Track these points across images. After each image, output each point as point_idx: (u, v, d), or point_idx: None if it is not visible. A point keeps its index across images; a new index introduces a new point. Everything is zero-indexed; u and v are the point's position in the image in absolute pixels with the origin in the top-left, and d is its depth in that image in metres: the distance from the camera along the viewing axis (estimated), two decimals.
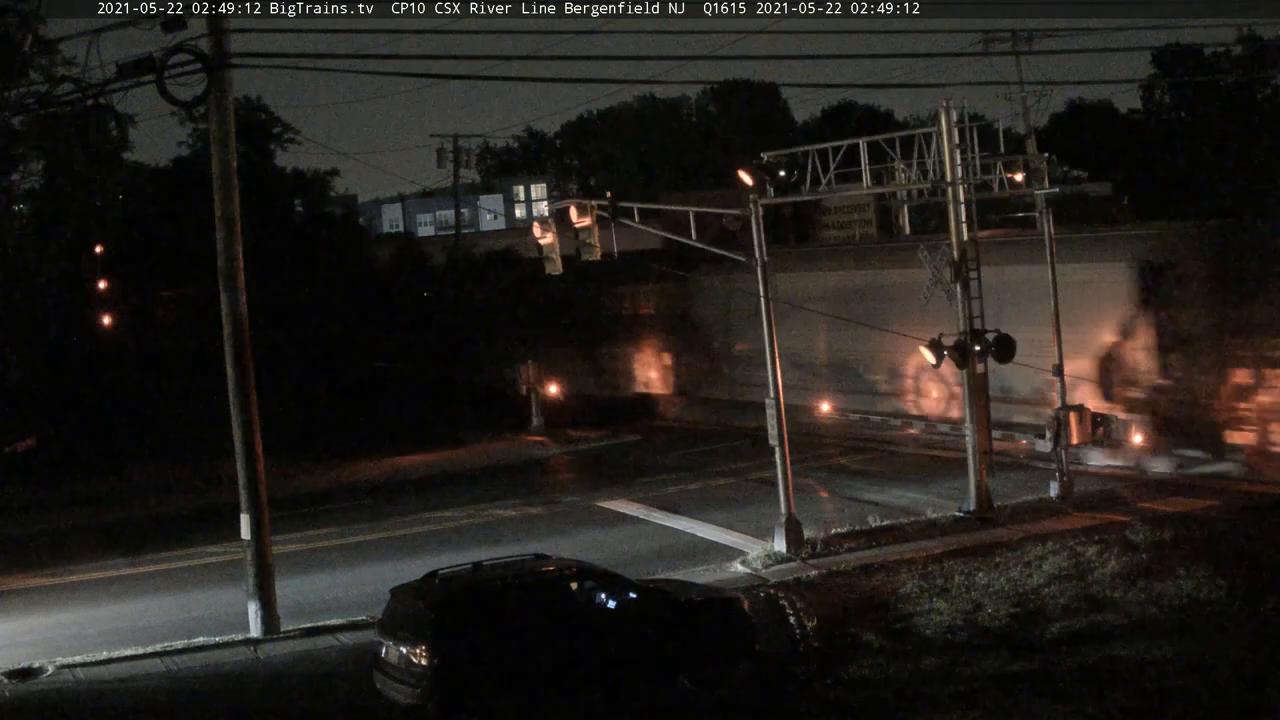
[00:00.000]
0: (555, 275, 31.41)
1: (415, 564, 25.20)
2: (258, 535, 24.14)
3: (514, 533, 31.45)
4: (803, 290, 42.05)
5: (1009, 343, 29.56)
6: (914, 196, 34.18)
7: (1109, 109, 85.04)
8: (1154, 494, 30.72)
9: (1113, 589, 22.99)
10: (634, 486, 36.52)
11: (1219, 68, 73.82)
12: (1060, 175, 32.13)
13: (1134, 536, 26.18)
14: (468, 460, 43.06)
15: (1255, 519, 27.24)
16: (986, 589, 23.72)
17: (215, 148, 24.16)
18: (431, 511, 34.92)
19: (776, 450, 28.05)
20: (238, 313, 24.15)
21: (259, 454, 24.34)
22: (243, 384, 24.23)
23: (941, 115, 29.65)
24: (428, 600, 19.17)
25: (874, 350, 42.38)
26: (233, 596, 25.56)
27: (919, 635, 21.70)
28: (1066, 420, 30.89)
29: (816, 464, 37.13)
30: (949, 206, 29.99)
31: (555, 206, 56.90)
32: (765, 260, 28.30)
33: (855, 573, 25.78)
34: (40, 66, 34.92)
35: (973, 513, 29.43)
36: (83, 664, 22.61)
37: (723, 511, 32.28)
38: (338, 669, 21.82)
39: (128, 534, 34.32)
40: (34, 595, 28.41)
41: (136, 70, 22.08)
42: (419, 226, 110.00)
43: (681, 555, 28.26)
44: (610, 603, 19.86)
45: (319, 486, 39.67)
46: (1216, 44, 77.62)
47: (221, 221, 24.08)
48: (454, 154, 69.15)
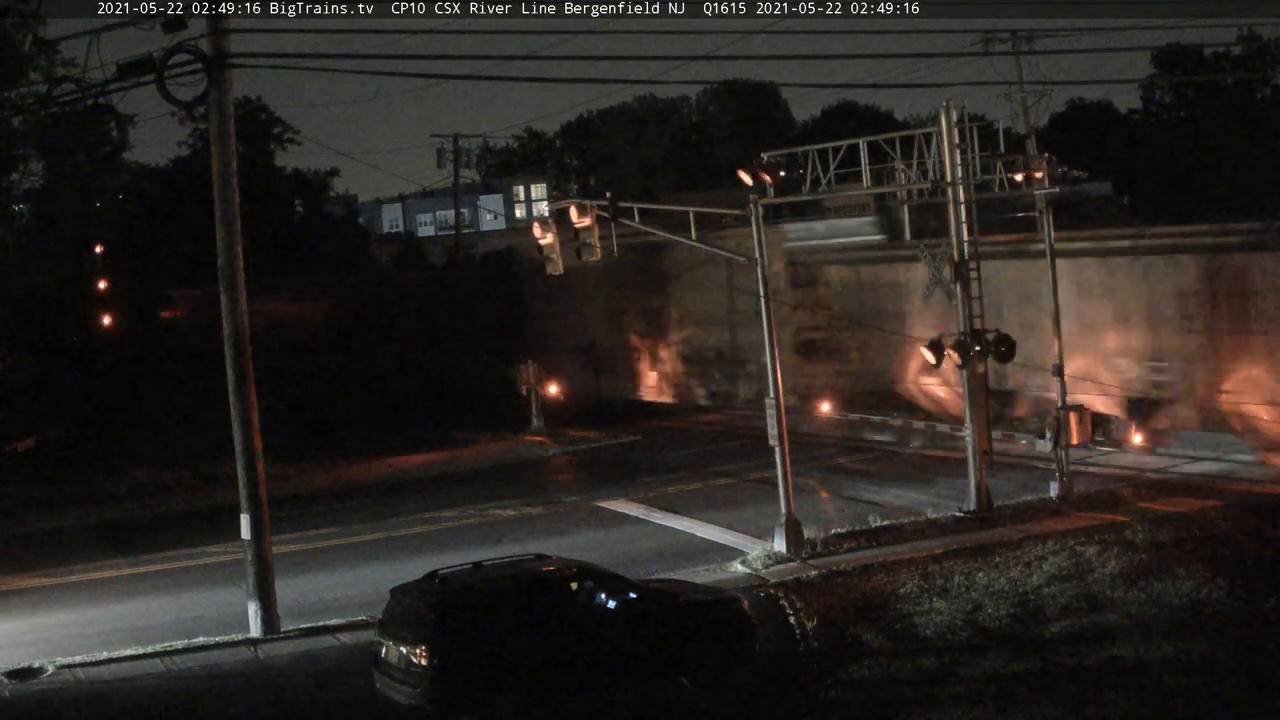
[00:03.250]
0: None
1: (415, 564, 25.21)
2: (258, 535, 24.13)
3: (514, 533, 31.45)
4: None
5: (1009, 342, 29.62)
6: (914, 196, 34.22)
7: (1109, 109, 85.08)
8: (1154, 494, 30.72)
9: (1113, 589, 23.00)
10: (634, 486, 36.51)
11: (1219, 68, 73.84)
12: (1060, 175, 31.99)
13: (1134, 536, 26.19)
14: (468, 460, 43.03)
15: (1255, 519, 27.25)
16: (986, 589, 23.72)
17: (215, 148, 24.16)
18: (431, 511, 34.90)
19: (776, 450, 28.05)
20: (238, 313, 24.15)
21: (259, 454, 24.33)
22: (242, 384, 24.23)
23: (941, 115, 29.67)
24: (428, 600, 19.16)
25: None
26: (233, 596, 25.56)
27: (919, 635, 21.71)
28: (1066, 420, 30.91)
29: (816, 464, 37.13)
30: (949, 207, 30.01)
31: (555, 206, 56.84)
32: (765, 261, 28.32)
33: (855, 573, 25.77)
34: (40, 66, 34.94)
35: (973, 513, 29.43)
36: (83, 664, 22.60)
37: (723, 511, 32.28)
38: (338, 669, 21.83)
39: (128, 534, 34.30)
40: (34, 595, 28.40)
41: (136, 70, 22.07)
42: (419, 226, 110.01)
43: (681, 555, 28.26)
44: (610, 603, 19.86)
45: (319, 486, 39.64)
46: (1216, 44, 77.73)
47: (221, 221, 24.08)
48: (454, 154, 69.17)
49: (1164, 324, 36.57)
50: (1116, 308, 37.88)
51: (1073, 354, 34.68)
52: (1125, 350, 37.48)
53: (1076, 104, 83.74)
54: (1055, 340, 32.01)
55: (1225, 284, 35.17)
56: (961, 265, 29.78)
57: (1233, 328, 34.93)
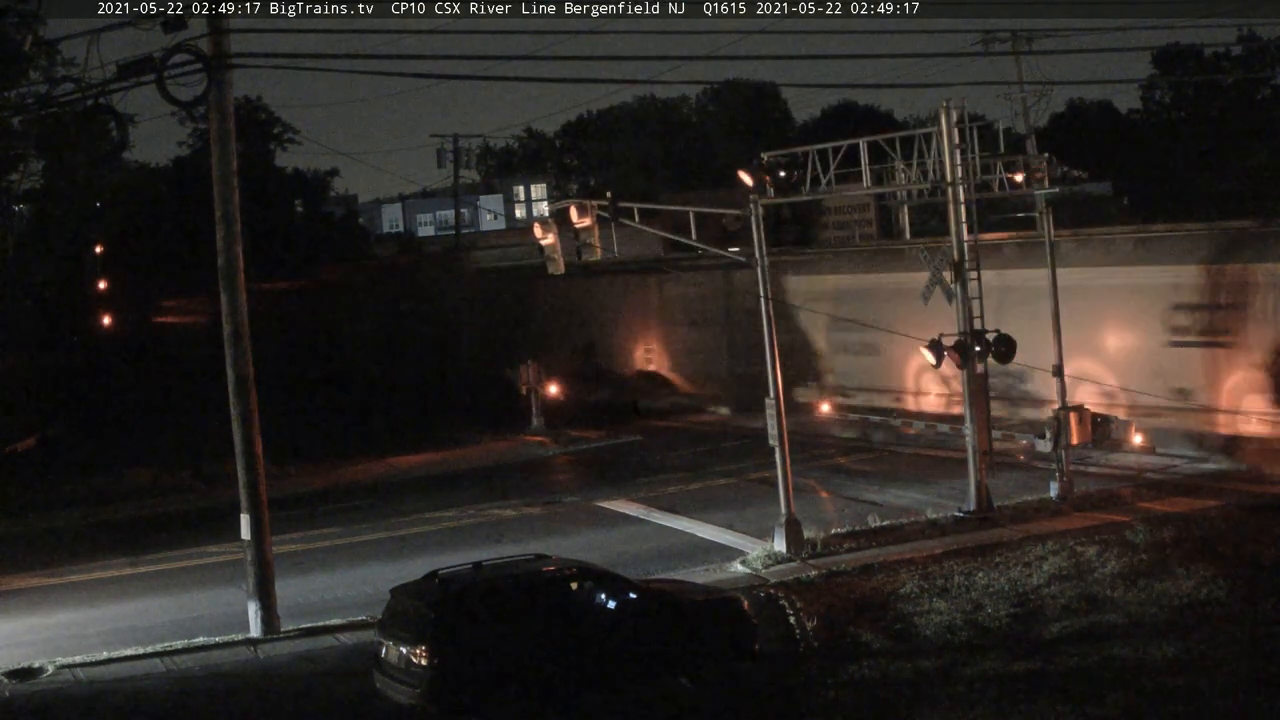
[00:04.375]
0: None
1: (415, 564, 25.18)
2: (258, 535, 24.13)
3: (514, 533, 31.44)
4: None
5: (1009, 342, 29.60)
6: (914, 196, 34.21)
7: (1109, 109, 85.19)
8: (1154, 494, 30.71)
9: (1113, 589, 23.00)
10: (634, 486, 36.49)
11: (1219, 68, 73.90)
12: (1060, 175, 32.01)
13: (1134, 536, 26.19)
14: (468, 460, 43.00)
15: (1256, 519, 27.25)
16: (986, 589, 23.72)
17: (215, 148, 24.15)
18: (431, 511, 34.88)
19: (776, 450, 28.05)
20: (238, 312, 24.14)
21: (259, 454, 24.32)
22: (242, 383, 24.22)
23: (941, 115, 29.65)
24: (428, 600, 19.17)
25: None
26: (233, 596, 25.56)
27: (919, 635, 21.71)
28: (1066, 420, 30.90)
29: (817, 464, 37.13)
30: (949, 207, 30.00)
31: (555, 206, 56.81)
32: (765, 261, 28.31)
33: (855, 573, 25.76)
34: (40, 66, 34.98)
35: (973, 513, 29.41)
36: (83, 664, 22.59)
37: (723, 512, 32.27)
38: (338, 669, 21.81)
39: (128, 534, 34.27)
40: (34, 595, 28.39)
41: (136, 70, 22.09)
42: (419, 226, 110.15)
43: (681, 555, 28.25)
44: (610, 603, 19.85)
45: (319, 486, 39.61)
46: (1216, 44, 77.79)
47: (221, 221, 24.07)
48: (454, 154, 69.28)
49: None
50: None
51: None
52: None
53: (1076, 104, 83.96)
54: (1055, 340, 31.96)
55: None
56: (961, 265, 29.76)
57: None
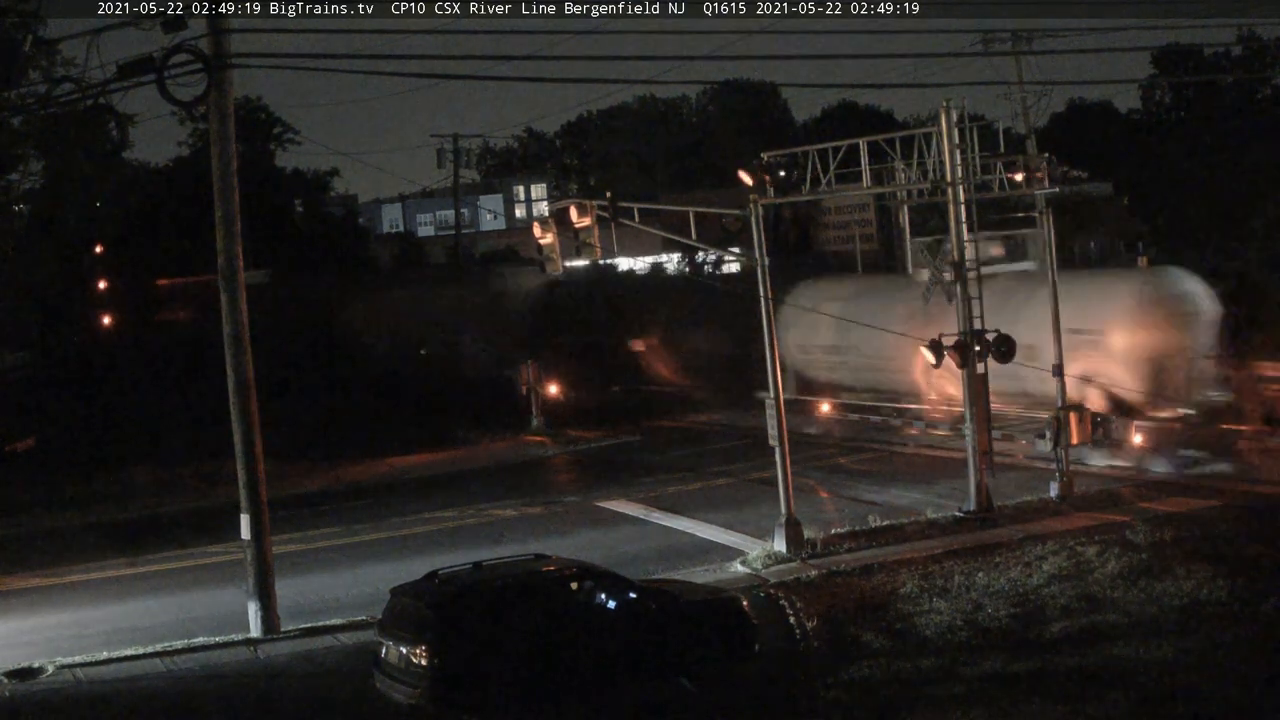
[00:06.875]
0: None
1: (415, 564, 25.18)
2: (258, 535, 24.13)
3: (514, 533, 31.44)
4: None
5: (1009, 342, 29.59)
6: (914, 196, 34.19)
7: (1109, 109, 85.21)
8: (1154, 494, 30.71)
9: (1113, 589, 23.00)
10: (634, 486, 36.49)
11: (1219, 68, 73.92)
12: (1060, 175, 32.02)
13: (1134, 536, 26.19)
14: (467, 460, 43.00)
15: (1255, 519, 27.25)
16: (986, 589, 23.71)
17: (215, 148, 24.14)
18: (431, 511, 34.89)
19: (776, 450, 28.04)
20: (238, 312, 24.14)
21: (259, 454, 24.31)
22: (242, 383, 24.22)
23: (941, 115, 29.65)
24: (428, 600, 19.17)
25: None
26: (232, 596, 25.55)
27: (919, 635, 21.70)
28: (1066, 420, 30.90)
29: (816, 464, 37.12)
30: (949, 207, 30.00)
31: (555, 206, 56.82)
32: (765, 261, 28.32)
33: (855, 573, 25.76)
34: (40, 66, 34.93)
35: (973, 513, 29.41)
36: (83, 664, 22.60)
37: (723, 511, 32.26)
38: (337, 669, 21.81)
39: (128, 534, 34.29)
40: (34, 595, 28.40)
41: (136, 70, 22.05)
42: (419, 226, 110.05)
43: (681, 555, 28.24)
44: (610, 603, 19.86)
45: (319, 486, 39.63)
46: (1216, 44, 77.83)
47: (221, 221, 24.07)
48: (454, 154, 69.27)
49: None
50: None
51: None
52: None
53: (1076, 104, 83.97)
54: (1055, 341, 31.98)
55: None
56: (961, 265, 29.76)
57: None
